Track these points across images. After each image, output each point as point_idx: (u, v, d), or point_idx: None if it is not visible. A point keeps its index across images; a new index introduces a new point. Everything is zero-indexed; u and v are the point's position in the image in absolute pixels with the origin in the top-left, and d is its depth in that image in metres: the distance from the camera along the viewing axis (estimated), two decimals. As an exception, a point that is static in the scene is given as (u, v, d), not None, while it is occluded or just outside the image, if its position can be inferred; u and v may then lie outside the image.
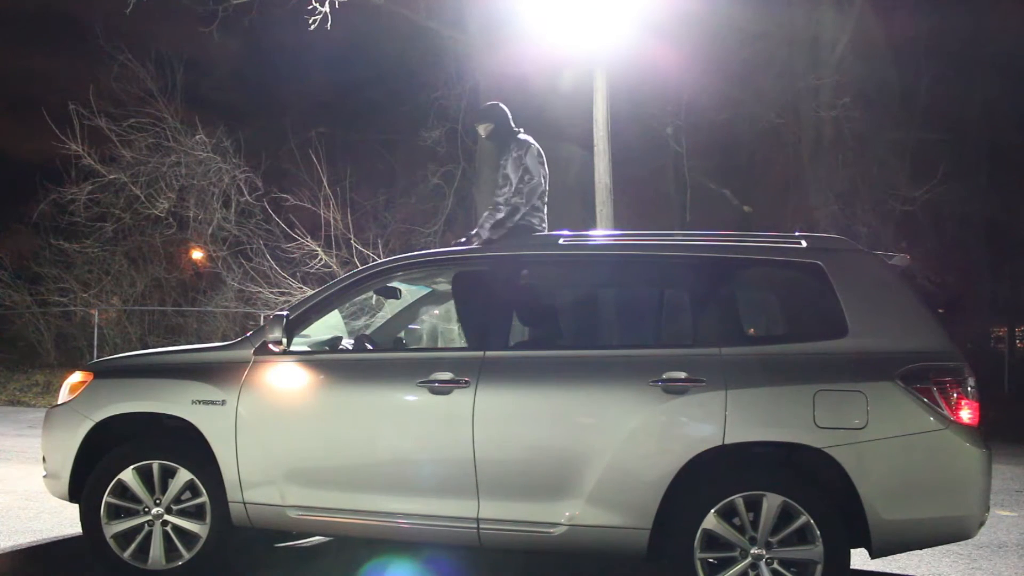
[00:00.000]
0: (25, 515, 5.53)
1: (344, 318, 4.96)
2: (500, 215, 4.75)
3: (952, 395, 3.61)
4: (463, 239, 4.92)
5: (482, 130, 5.21)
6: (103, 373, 4.53)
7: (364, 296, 4.99)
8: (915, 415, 3.58)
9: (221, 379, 4.22)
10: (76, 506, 4.36)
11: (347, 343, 4.71)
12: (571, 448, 3.80)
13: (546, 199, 5.08)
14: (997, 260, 21.56)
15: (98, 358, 10.07)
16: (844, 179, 16.40)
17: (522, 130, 5.15)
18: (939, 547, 4.91)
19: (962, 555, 5.17)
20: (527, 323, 4.51)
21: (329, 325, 4.63)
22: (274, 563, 4.83)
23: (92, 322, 16.64)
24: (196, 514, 4.22)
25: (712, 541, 3.67)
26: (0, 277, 17.77)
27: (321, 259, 13.98)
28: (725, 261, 4.06)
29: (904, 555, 4.72)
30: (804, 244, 4.06)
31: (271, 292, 14.67)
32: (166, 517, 4.22)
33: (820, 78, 16.06)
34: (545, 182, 5.03)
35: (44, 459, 4.52)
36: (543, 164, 5.05)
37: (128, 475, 4.24)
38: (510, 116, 5.18)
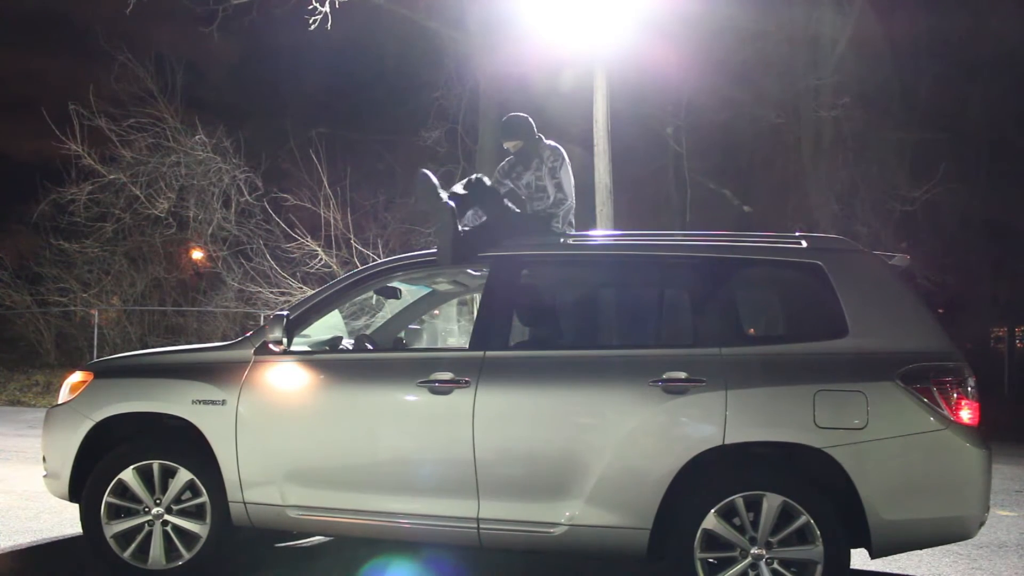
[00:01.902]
0: (25, 515, 5.53)
1: (344, 318, 4.96)
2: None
3: (952, 395, 3.61)
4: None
5: (511, 146, 5.06)
6: (103, 373, 4.53)
7: (364, 296, 4.99)
8: (915, 415, 3.58)
9: (221, 379, 4.22)
10: (76, 506, 4.36)
11: (347, 343, 4.71)
12: (571, 448, 3.80)
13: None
14: (997, 260, 21.55)
15: (98, 358, 10.07)
16: (844, 179, 16.41)
17: (542, 136, 5.09)
18: (939, 547, 4.91)
19: (962, 555, 5.17)
20: (527, 323, 4.51)
21: (329, 325, 4.63)
22: (274, 563, 4.82)
23: (92, 322, 16.65)
24: (196, 514, 4.21)
25: (712, 541, 3.67)
26: (0, 277, 17.77)
27: (321, 259, 13.99)
28: (725, 261, 4.06)
29: (904, 555, 4.72)
30: (804, 244, 4.06)
31: (271, 292, 14.68)
32: (166, 517, 4.21)
33: (820, 78, 16.07)
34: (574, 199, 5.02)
35: (44, 459, 4.52)
36: (571, 174, 5.05)
37: (128, 475, 4.24)
38: (534, 126, 5.09)
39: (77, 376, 4.57)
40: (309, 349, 4.39)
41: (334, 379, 4.17)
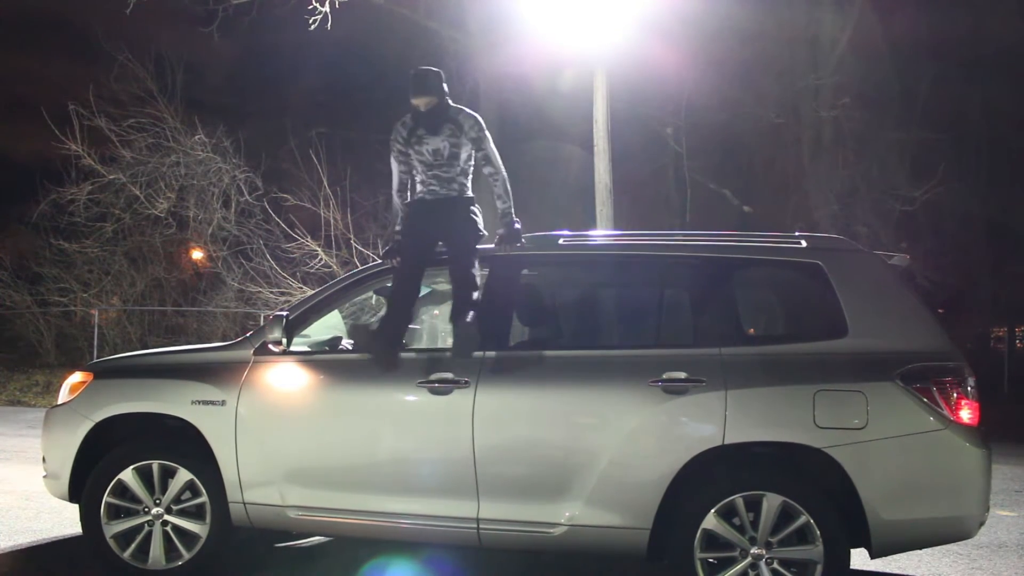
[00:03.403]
0: (25, 515, 5.53)
1: (344, 318, 4.96)
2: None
3: (952, 395, 3.62)
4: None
5: (422, 104, 4.41)
6: (103, 373, 4.53)
7: (364, 296, 4.99)
8: (915, 415, 3.58)
9: (221, 379, 4.22)
10: (76, 506, 4.36)
11: (347, 343, 4.70)
12: (571, 448, 3.81)
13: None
14: (997, 260, 21.54)
15: (98, 358, 10.06)
16: (844, 179, 16.38)
17: (451, 99, 4.53)
18: (939, 547, 4.90)
19: (962, 555, 5.17)
20: (527, 323, 4.51)
21: (329, 325, 4.62)
22: (274, 563, 4.83)
23: (92, 322, 16.64)
24: (196, 514, 4.22)
25: (712, 541, 3.67)
26: (0, 277, 17.76)
27: (321, 259, 13.99)
28: (725, 261, 4.06)
29: (904, 555, 4.72)
30: (804, 244, 4.07)
31: (271, 292, 14.68)
32: (166, 517, 4.22)
33: (820, 78, 16.05)
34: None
35: (44, 459, 4.53)
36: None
37: (128, 475, 4.24)
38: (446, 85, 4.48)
39: (77, 376, 4.57)
40: (309, 349, 4.39)
41: (334, 379, 4.17)
